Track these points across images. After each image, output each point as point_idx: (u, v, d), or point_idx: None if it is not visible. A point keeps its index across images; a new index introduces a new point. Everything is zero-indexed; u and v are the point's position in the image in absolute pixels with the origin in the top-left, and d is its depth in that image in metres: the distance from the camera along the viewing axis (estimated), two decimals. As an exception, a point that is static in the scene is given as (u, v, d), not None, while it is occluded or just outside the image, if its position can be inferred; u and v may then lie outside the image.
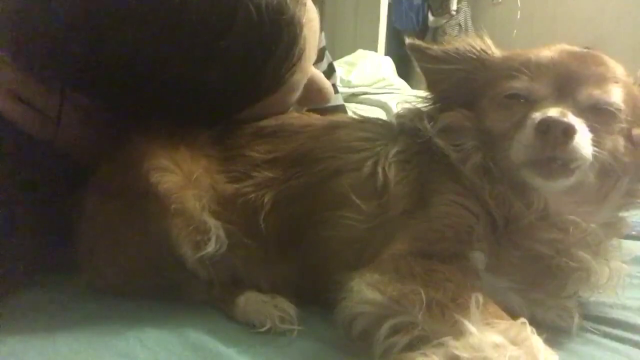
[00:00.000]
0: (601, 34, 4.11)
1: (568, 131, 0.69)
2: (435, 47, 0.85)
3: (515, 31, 4.50)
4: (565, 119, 0.69)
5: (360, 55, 4.20)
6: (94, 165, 0.89)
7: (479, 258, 0.75)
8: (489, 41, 0.84)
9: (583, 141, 0.71)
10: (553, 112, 0.70)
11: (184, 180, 0.82)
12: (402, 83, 4.09)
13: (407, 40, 0.86)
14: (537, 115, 0.71)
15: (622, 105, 0.75)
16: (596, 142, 0.72)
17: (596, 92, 0.74)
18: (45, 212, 0.91)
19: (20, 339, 0.75)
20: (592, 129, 0.72)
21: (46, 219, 0.91)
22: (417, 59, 0.86)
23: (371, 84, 3.81)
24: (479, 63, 0.82)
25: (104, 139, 0.89)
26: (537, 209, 0.75)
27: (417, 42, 0.87)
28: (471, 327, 0.61)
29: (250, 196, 0.84)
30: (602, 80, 0.75)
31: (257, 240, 0.83)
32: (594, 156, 0.72)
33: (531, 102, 0.75)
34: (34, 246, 0.91)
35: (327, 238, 0.80)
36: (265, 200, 0.83)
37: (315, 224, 0.82)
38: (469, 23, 5.32)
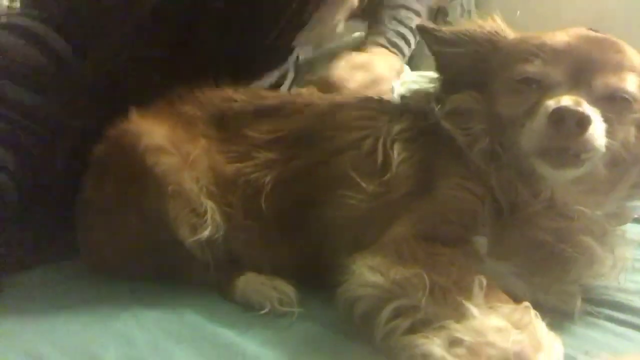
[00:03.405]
0: (605, 12, 4.04)
1: (583, 122, 0.66)
2: (445, 29, 0.82)
3: (518, 12, 4.44)
4: (580, 109, 0.66)
5: (361, 35, 4.16)
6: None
7: (481, 242, 0.74)
8: (500, 22, 0.81)
9: (597, 132, 0.68)
10: (567, 100, 0.67)
11: (181, 161, 0.82)
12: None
13: (417, 22, 0.84)
14: (551, 104, 0.68)
15: (638, 95, 0.72)
16: (609, 133, 0.69)
17: (613, 81, 0.71)
18: (47, 196, 0.90)
19: (17, 320, 0.75)
20: (606, 119, 0.69)
21: (48, 202, 0.91)
22: (427, 41, 0.83)
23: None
24: (490, 45, 0.79)
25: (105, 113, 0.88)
26: (544, 198, 0.74)
27: (427, 24, 0.84)
28: (474, 311, 0.61)
29: (251, 176, 0.83)
30: (619, 68, 0.72)
31: (257, 221, 0.82)
32: (606, 147, 0.70)
33: (544, 87, 0.72)
34: (35, 230, 0.91)
35: (328, 218, 0.80)
36: (267, 180, 0.82)
37: (316, 204, 0.81)
38: (472, 4, 5.24)
